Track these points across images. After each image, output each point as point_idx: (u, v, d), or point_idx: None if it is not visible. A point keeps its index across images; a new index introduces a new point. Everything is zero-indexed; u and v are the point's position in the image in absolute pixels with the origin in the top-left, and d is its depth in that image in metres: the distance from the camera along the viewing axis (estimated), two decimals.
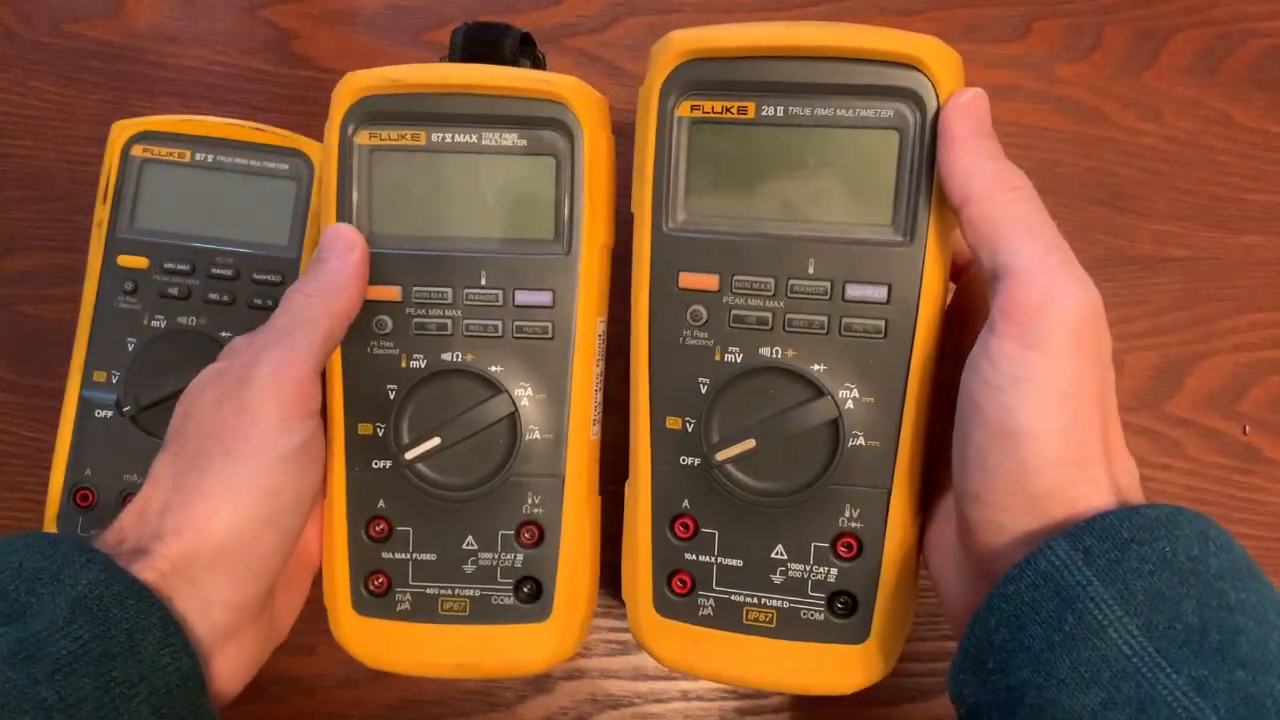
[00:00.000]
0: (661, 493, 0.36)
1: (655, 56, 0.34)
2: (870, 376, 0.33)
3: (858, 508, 0.34)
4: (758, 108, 0.33)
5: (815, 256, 0.33)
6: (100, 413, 0.41)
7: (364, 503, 0.37)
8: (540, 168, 0.36)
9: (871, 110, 0.33)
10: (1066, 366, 0.28)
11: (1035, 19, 0.52)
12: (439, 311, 0.36)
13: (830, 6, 0.51)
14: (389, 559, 0.37)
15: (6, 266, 0.48)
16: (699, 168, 0.34)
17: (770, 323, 0.34)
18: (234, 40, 0.50)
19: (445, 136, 0.35)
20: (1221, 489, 0.49)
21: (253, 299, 0.42)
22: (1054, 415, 0.28)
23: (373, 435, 0.36)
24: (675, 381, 0.35)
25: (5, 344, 0.47)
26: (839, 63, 0.32)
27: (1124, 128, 0.51)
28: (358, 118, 0.35)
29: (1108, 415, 0.30)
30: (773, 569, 0.35)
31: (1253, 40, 0.53)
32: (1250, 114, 0.52)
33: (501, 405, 0.35)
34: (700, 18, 0.51)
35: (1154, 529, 0.27)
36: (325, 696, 0.46)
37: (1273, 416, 0.50)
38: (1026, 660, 0.27)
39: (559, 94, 0.35)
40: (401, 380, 0.36)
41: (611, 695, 0.46)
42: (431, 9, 0.50)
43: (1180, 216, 0.51)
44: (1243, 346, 0.50)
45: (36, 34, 0.49)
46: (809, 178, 0.33)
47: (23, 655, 0.26)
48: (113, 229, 0.42)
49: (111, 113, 0.49)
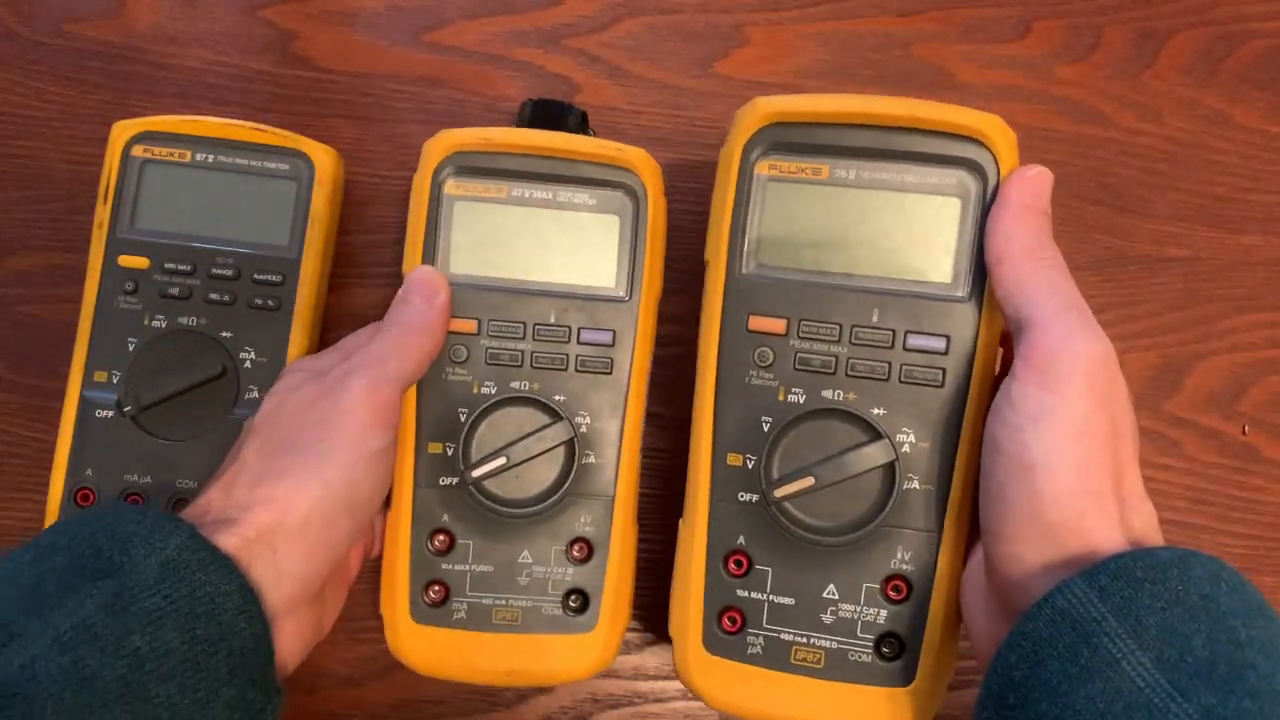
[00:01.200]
0: (718, 528, 0.37)
1: (740, 119, 0.38)
2: (926, 422, 0.36)
3: (909, 550, 0.36)
4: (831, 170, 0.37)
5: (879, 307, 0.36)
6: (101, 413, 0.41)
7: (429, 517, 0.40)
8: (606, 224, 0.40)
9: (936, 177, 0.36)
10: (1079, 406, 0.31)
11: (1035, 19, 0.52)
12: (511, 344, 0.40)
13: (831, 7, 0.51)
14: (448, 570, 0.40)
15: (7, 266, 0.48)
16: (774, 221, 0.37)
17: (834, 367, 0.36)
18: (234, 40, 0.50)
19: (525, 192, 0.40)
20: (1221, 489, 0.49)
21: (253, 299, 0.42)
22: (1067, 450, 0.31)
23: (442, 454, 0.39)
24: (739, 419, 0.37)
25: (5, 344, 0.47)
26: (909, 133, 0.36)
27: (1123, 128, 0.51)
28: (448, 170, 0.40)
29: (1123, 458, 0.32)
30: (824, 608, 0.36)
31: (1252, 40, 0.53)
32: (1250, 114, 0.52)
33: (562, 431, 0.39)
34: (700, 18, 0.51)
35: (1167, 569, 0.28)
36: (325, 696, 0.46)
37: (1272, 416, 0.50)
38: (1045, 694, 0.28)
39: (629, 162, 0.40)
40: (472, 405, 0.39)
41: (612, 695, 0.46)
42: (431, 10, 0.50)
43: (1180, 217, 0.51)
44: (1242, 346, 0.50)
45: (37, 34, 0.49)
46: (876, 235, 0.36)
47: (119, 606, 0.29)
48: (113, 229, 0.42)
49: (112, 113, 0.49)
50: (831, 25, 0.51)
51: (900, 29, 0.51)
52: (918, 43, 0.51)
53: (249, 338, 0.41)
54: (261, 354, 0.41)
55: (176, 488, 0.41)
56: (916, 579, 0.36)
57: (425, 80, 0.50)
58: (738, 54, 0.51)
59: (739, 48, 0.51)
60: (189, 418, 0.41)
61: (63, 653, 0.28)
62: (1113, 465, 0.31)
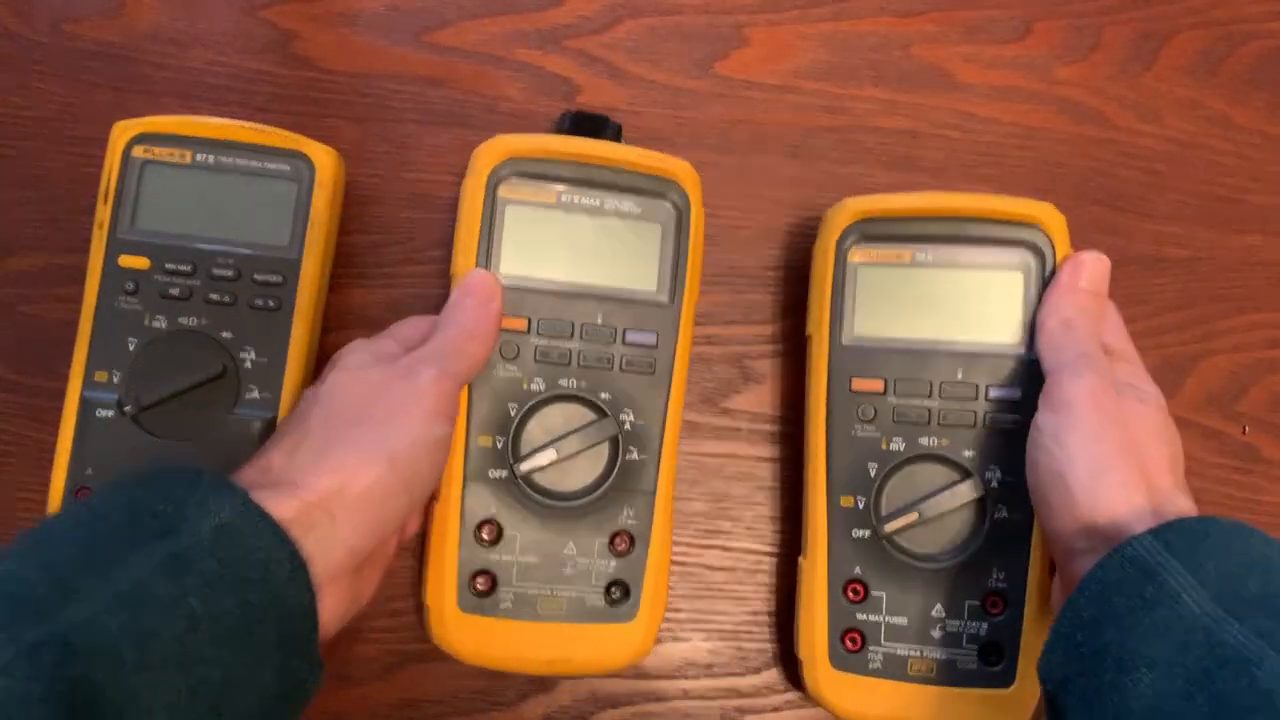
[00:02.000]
0: (836, 562, 0.42)
1: (832, 216, 0.43)
2: (1009, 461, 0.41)
3: (1003, 570, 0.41)
4: (914, 255, 0.43)
5: (963, 365, 0.42)
6: (101, 412, 0.41)
7: (478, 508, 0.41)
8: (649, 231, 0.43)
9: (1002, 257, 0.42)
10: (1087, 421, 0.37)
11: (1035, 19, 0.52)
12: (560, 343, 0.41)
13: (831, 7, 0.51)
14: (496, 560, 0.41)
15: (7, 266, 0.48)
16: (868, 299, 0.43)
17: (927, 418, 0.42)
18: (235, 41, 0.50)
19: (574, 198, 0.42)
20: (1221, 489, 0.49)
21: (254, 299, 0.42)
22: (1084, 454, 0.37)
23: (491, 447, 0.41)
24: (849, 467, 0.42)
25: (5, 344, 0.47)
26: (976, 222, 0.42)
27: (1124, 128, 0.51)
28: (501, 174, 0.42)
29: (1149, 460, 0.37)
30: (932, 625, 0.41)
31: (1252, 41, 0.53)
32: (1250, 115, 0.52)
33: (607, 427, 0.41)
34: (700, 19, 0.51)
35: (1228, 531, 0.33)
36: (325, 695, 0.45)
37: (1272, 416, 0.50)
38: (1112, 624, 0.32)
39: (674, 173, 0.43)
40: (522, 400, 0.41)
41: (612, 694, 0.46)
42: (432, 10, 0.50)
43: (1179, 217, 0.51)
44: (1242, 347, 0.50)
45: (37, 34, 0.49)
46: (955, 306, 0.42)
47: (176, 568, 0.29)
48: (114, 229, 0.42)
49: (112, 113, 0.49)
50: (832, 26, 0.51)
51: (900, 29, 0.51)
52: (918, 43, 0.51)
53: (249, 338, 0.41)
54: (262, 354, 0.41)
55: None
56: (1011, 595, 0.41)
57: (425, 80, 0.50)
58: (738, 54, 0.51)
59: (739, 48, 0.51)
60: (189, 418, 0.41)
61: (122, 609, 0.28)
62: (1137, 464, 0.37)
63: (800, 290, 0.49)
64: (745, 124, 0.50)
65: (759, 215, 0.50)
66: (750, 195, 0.50)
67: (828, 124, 0.50)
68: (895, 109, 0.51)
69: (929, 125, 0.51)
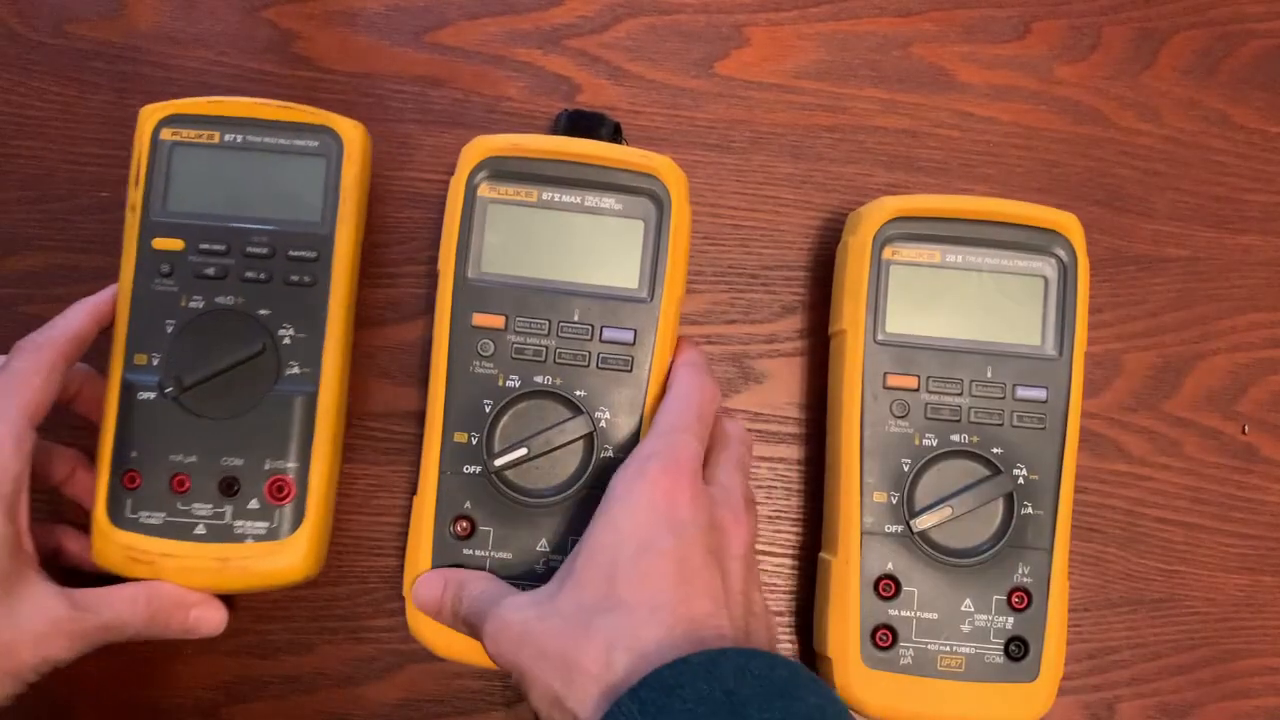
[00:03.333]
0: (869, 558, 0.42)
1: (867, 214, 0.44)
2: (1035, 458, 0.43)
3: (1028, 565, 0.42)
4: (943, 255, 0.44)
5: (991, 364, 0.43)
6: (143, 395, 0.41)
7: (452, 502, 0.41)
8: (631, 228, 0.42)
9: (1025, 261, 0.44)
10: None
11: (1035, 19, 0.52)
12: (536, 340, 0.41)
13: (831, 7, 0.51)
14: (469, 555, 0.41)
15: (7, 266, 0.48)
16: (900, 296, 0.44)
17: (959, 415, 0.43)
18: (235, 41, 0.50)
19: (555, 196, 0.42)
20: (1220, 489, 0.49)
21: (289, 276, 0.42)
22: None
23: (467, 443, 0.41)
24: (883, 462, 0.42)
25: (6, 344, 0.47)
26: (1004, 226, 0.44)
27: (1123, 128, 0.51)
28: (482, 173, 0.42)
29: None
30: (962, 620, 0.42)
31: (1252, 40, 0.53)
32: (1249, 114, 0.52)
33: (582, 425, 0.41)
34: (700, 19, 0.51)
35: (695, 673, 0.30)
36: (325, 695, 0.46)
37: (1271, 416, 0.50)
38: None
39: (655, 169, 0.42)
40: (497, 396, 0.41)
41: None
42: (432, 10, 0.50)
43: (1179, 217, 0.51)
44: (1241, 346, 0.50)
45: (38, 34, 0.49)
46: (982, 306, 0.44)
47: None
48: (146, 213, 0.42)
49: (112, 113, 0.49)
50: (831, 26, 0.51)
51: (900, 29, 0.51)
52: (918, 43, 0.51)
53: (287, 314, 0.41)
54: (300, 330, 0.41)
55: (223, 465, 0.41)
56: (1035, 589, 0.42)
57: (426, 80, 0.50)
58: (738, 54, 0.51)
59: (739, 48, 0.51)
60: (231, 396, 0.41)
61: None
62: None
63: (800, 290, 0.49)
64: (745, 124, 0.50)
65: (759, 215, 0.50)
66: (750, 195, 0.50)
67: (828, 124, 0.51)
68: (895, 109, 0.51)
69: (928, 125, 0.51)
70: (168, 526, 0.40)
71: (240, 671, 0.45)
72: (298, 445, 0.41)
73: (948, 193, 0.50)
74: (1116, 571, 0.48)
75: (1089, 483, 0.49)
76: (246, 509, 0.40)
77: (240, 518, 0.40)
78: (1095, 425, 0.49)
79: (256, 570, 0.40)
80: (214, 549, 0.40)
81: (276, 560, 0.40)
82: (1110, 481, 0.49)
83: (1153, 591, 0.48)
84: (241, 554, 0.40)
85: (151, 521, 0.40)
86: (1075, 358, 0.43)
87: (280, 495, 0.41)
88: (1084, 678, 0.48)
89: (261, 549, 0.40)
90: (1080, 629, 0.48)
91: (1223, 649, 0.48)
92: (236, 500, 0.40)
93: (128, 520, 0.40)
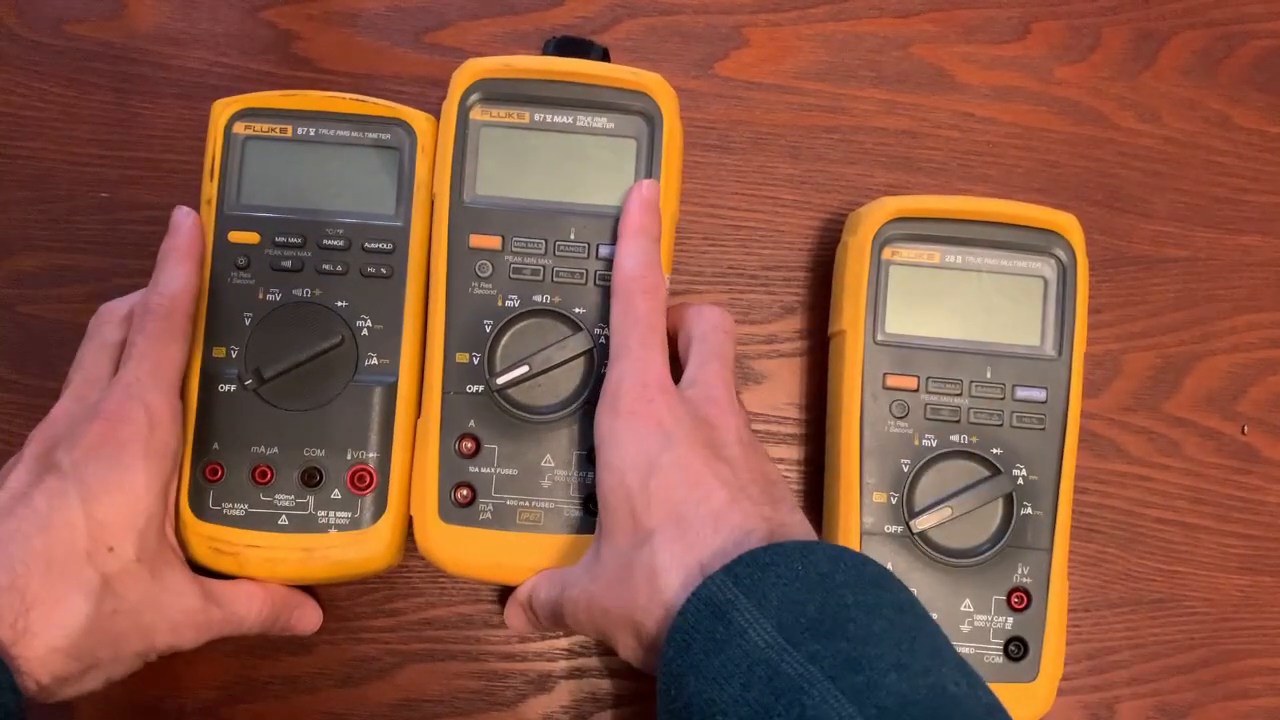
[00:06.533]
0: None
1: (867, 214, 0.44)
2: (1034, 459, 0.43)
3: (1027, 566, 0.42)
4: (943, 256, 0.44)
5: (991, 365, 0.43)
6: (223, 388, 0.41)
7: (457, 422, 0.41)
8: (623, 146, 0.42)
9: (1025, 262, 0.44)
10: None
11: (1034, 20, 0.52)
12: (533, 259, 0.42)
13: (830, 8, 0.51)
14: (475, 473, 0.41)
15: (7, 266, 0.48)
16: (900, 296, 0.44)
17: (959, 416, 0.43)
18: (236, 42, 0.50)
19: (547, 117, 0.42)
20: (1220, 489, 0.49)
21: (365, 267, 0.42)
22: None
23: (469, 363, 0.41)
24: (882, 462, 0.43)
25: (6, 344, 0.47)
26: (1003, 227, 0.44)
27: (1123, 129, 0.51)
28: (474, 96, 0.42)
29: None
30: (962, 620, 0.42)
31: (1252, 41, 0.53)
32: (1249, 115, 0.52)
33: (581, 341, 0.41)
34: (700, 19, 0.51)
35: (790, 554, 0.32)
36: (325, 696, 0.46)
37: (1271, 416, 0.50)
38: (693, 674, 0.31)
39: (646, 86, 0.42)
40: (497, 316, 0.41)
41: (612, 694, 0.46)
42: (432, 10, 0.50)
43: (1179, 217, 0.51)
44: (1241, 347, 0.50)
45: (38, 35, 0.49)
46: (981, 306, 0.44)
47: None
48: (221, 206, 0.42)
49: (112, 114, 0.49)
50: (831, 26, 0.51)
51: (900, 30, 0.52)
52: (917, 43, 0.51)
53: (364, 306, 0.42)
54: (378, 321, 0.42)
55: (305, 457, 0.41)
56: (1035, 590, 0.42)
57: (426, 80, 0.50)
58: (738, 55, 0.51)
59: (739, 48, 0.51)
60: (311, 388, 0.41)
61: None
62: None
63: (799, 290, 0.49)
64: (745, 124, 0.50)
65: (758, 215, 0.50)
66: (750, 195, 0.50)
67: (827, 124, 0.51)
68: (894, 109, 0.51)
69: (928, 125, 0.51)
70: (251, 517, 0.40)
71: (240, 671, 0.45)
72: (378, 435, 0.41)
73: (947, 193, 0.50)
74: (1116, 572, 0.48)
75: (1088, 483, 0.49)
76: (329, 499, 0.41)
77: (323, 508, 0.41)
78: (1095, 425, 0.49)
79: (341, 560, 0.41)
80: (298, 539, 0.40)
81: (360, 550, 0.41)
82: (1110, 482, 0.49)
83: (1152, 592, 0.49)
84: (326, 544, 0.40)
85: (235, 513, 0.40)
86: (1075, 358, 0.43)
87: (362, 485, 0.41)
88: (1083, 678, 0.48)
89: (345, 539, 0.41)
90: (1080, 629, 0.48)
91: (1222, 649, 0.48)
92: (319, 491, 0.41)
93: (210, 512, 0.40)
